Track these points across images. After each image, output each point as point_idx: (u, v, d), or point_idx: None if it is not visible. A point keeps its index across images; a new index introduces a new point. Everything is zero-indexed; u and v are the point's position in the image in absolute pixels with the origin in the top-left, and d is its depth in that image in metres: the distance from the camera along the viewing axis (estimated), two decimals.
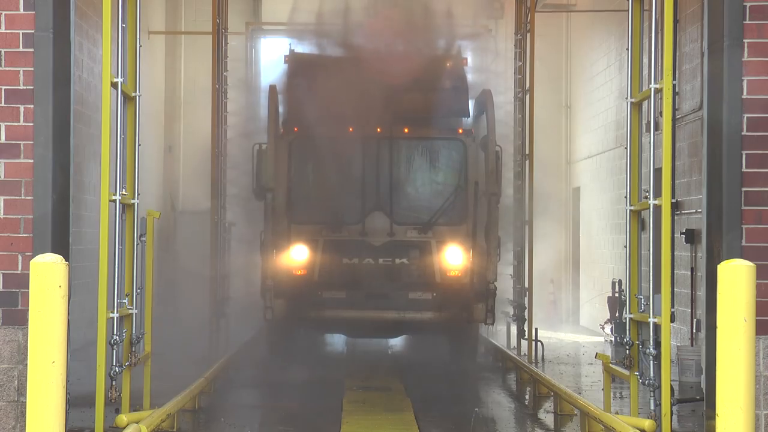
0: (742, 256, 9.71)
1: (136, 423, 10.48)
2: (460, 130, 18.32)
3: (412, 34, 19.82)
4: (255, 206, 18.98)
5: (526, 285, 20.84)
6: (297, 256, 17.62)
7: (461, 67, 18.89)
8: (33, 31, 10.10)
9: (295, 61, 18.97)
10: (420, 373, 17.68)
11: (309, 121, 17.94)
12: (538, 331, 20.32)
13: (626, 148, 11.98)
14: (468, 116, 18.75)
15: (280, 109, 18.41)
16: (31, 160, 10.07)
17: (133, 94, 11.46)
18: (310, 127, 17.91)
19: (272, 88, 18.33)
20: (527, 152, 20.73)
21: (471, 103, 18.90)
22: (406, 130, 18.10)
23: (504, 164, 19.08)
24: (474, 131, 18.50)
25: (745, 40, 10.23)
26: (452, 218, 18.00)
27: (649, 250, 11.29)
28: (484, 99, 18.31)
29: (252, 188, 18.48)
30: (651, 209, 11.16)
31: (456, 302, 17.62)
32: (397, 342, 21.41)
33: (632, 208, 11.85)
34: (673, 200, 11.18)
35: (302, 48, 19.99)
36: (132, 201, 11.46)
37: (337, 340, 21.56)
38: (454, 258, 17.73)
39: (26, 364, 7.95)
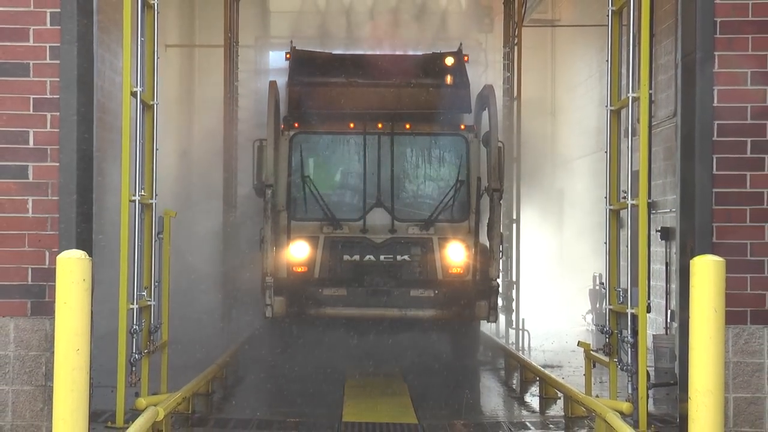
0: (712, 252, 9.72)
1: (154, 406, 10.49)
2: (462, 126, 17.16)
3: (411, 36, 19.61)
4: (261, 205, 18.38)
5: (514, 279, 20.92)
6: (297, 253, 16.56)
7: (462, 64, 17.74)
8: (59, 45, 10.11)
9: (297, 57, 17.89)
10: (417, 361, 17.53)
11: (310, 117, 17.05)
12: (525, 321, 20.35)
13: (606, 152, 11.99)
14: (470, 112, 17.57)
15: (282, 105, 17.37)
16: (57, 164, 10.08)
17: (151, 103, 11.47)
18: (311, 123, 17.03)
19: (272, 84, 17.10)
20: (515, 156, 20.79)
21: (473, 99, 17.73)
22: (407, 126, 17.01)
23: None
24: (476, 127, 17.41)
25: (716, 53, 10.24)
26: (454, 215, 16.91)
27: (627, 247, 11.30)
28: (487, 94, 17.21)
29: (252, 185, 17.39)
30: (629, 209, 11.18)
31: (458, 300, 16.47)
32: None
33: (611, 207, 11.87)
34: (650, 200, 11.19)
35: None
36: (150, 201, 11.47)
37: (338, 331, 21.47)
38: (456, 255, 16.65)
39: (53, 352, 7.97)
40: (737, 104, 10.21)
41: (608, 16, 11.85)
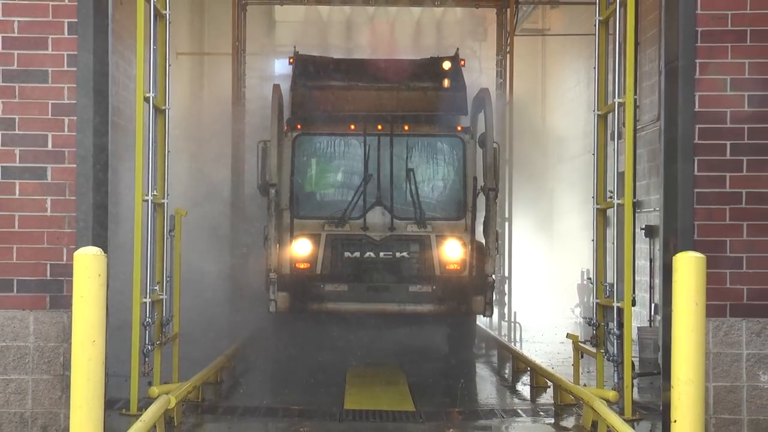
0: (694, 249, 9.74)
1: (166, 394, 10.52)
2: (459, 128, 16.97)
3: (408, 44, 19.48)
4: (265, 204, 18.23)
5: (507, 274, 20.94)
6: (300, 250, 16.40)
7: (459, 67, 17.56)
8: (76, 53, 10.13)
9: (300, 62, 17.78)
10: (415, 353, 17.53)
11: (312, 119, 16.91)
12: (517, 314, 20.36)
13: (593, 154, 12.03)
14: (466, 114, 17.43)
15: (285, 108, 17.21)
16: (74, 165, 10.11)
17: (163, 107, 11.51)
18: (313, 125, 16.87)
19: (276, 87, 16.90)
20: (507, 158, 20.82)
21: (469, 101, 17.59)
22: (406, 128, 16.80)
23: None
24: (472, 128, 17.27)
25: (698, 61, 10.26)
26: (451, 213, 16.73)
27: (614, 244, 11.33)
28: (482, 97, 17.02)
29: (257, 184, 17.21)
30: (615, 208, 11.22)
31: (455, 295, 16.30)
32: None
33: (598, 206, 11.90)
34: (635, 200, 11.23)
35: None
36: (162, 201, 11.51)
37: (340, 325, 21.44)
38: (453, 252, 16.44)
39: (70, 343, 7.98)
40: (717, 109, 10.24)
41: (595, 25, 11.89)
